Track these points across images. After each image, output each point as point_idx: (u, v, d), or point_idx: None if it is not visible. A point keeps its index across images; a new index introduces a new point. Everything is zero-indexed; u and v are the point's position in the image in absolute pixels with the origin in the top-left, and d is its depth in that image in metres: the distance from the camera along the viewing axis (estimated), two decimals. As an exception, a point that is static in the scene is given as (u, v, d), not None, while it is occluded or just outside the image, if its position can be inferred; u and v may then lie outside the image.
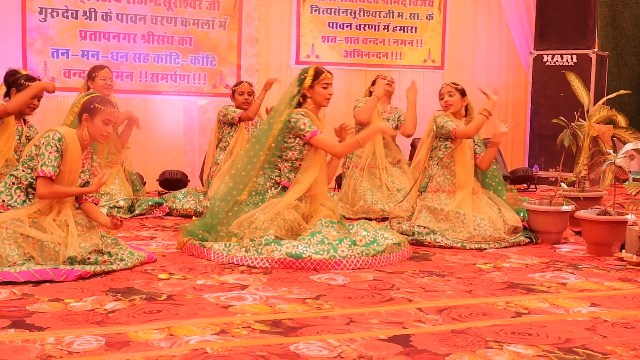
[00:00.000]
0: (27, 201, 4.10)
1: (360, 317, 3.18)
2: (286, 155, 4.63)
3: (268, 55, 8.35)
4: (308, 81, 4.66)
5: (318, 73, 4.69)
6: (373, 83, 6.70)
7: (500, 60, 9.38)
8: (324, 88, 4.69)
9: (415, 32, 8.95)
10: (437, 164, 5.24)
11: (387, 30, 8.83)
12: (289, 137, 4.60)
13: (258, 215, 4.49)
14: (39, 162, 4.01)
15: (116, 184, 6.16)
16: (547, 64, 8.60)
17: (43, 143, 4.03)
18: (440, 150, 5.26)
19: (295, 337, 2.87)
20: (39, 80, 5.27)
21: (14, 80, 5.16)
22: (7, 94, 5.18)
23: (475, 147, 5.35)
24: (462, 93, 5.34)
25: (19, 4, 7.13)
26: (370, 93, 6.57)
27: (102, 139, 4.20)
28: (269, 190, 4.65)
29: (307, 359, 2.62)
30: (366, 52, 8.78)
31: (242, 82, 6.71)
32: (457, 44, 9.18)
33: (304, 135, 4.56)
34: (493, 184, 5.34)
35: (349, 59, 8.71)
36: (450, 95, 5.31)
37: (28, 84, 5.09)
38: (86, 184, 4.23)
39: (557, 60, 8.53)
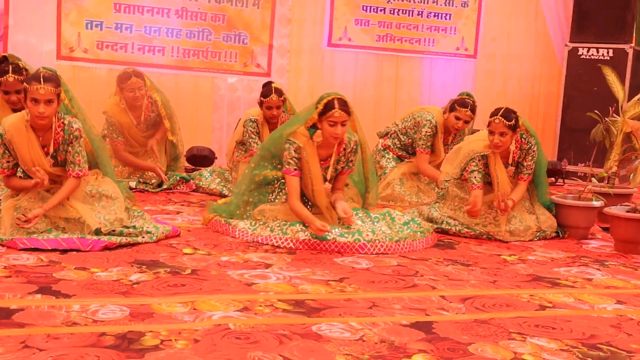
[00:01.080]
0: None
1: (383, 301, 3.18)
2: None
3: (300, 37, 8.32)
4: (315, 115, 4.29)
5: (327, 107, 4.24)
6: (452, 109, 5.92)
7: (534, 52, 9.26)
8: (331, 126, 4.24)
9: (450, 19, 8.86)
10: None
11: (421, 16, 8.75)
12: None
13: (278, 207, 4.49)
14: None
15: (152, 160, 6.18)
16: (582, 57, 8.49)
17: None
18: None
19: (318, 318, 2.88)
20: (15, 70, 4.71)
21: None
22: None
23: (523, 169, 4.96)
24: (514, 128, 4.76)
25: (55, -26, 7.16)
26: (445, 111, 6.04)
27: (37, 119, 3.90)
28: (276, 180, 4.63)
29: (329, 340, 2.62)
30: (399, 37, 8.71)
31: (271, 91, 5.88)
32: (491, 33, 9.08)
33: (282, 165, 4.41)
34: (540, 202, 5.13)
35: (381, 43, 8.64)
36: (502, 135, 4.75)
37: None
38: (62, 162, 4.10)
39: (592, 54, 8.42)
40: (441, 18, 8.82)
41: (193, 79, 7.86)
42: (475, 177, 4.87)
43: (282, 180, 4.57)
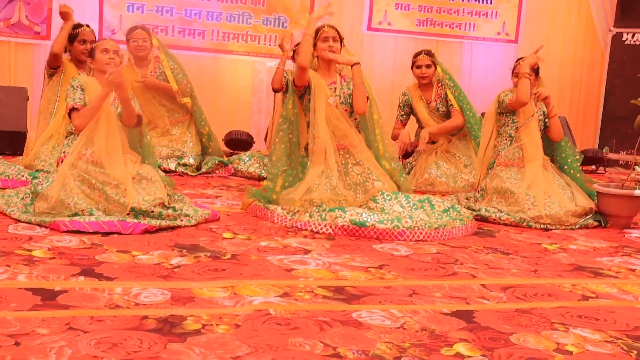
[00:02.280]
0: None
1: (423, 289, 3.16)
2: (307, 118, 4.70)
3: (340, 20, 8.27)
4: (311, 45, 4.68)
5: (317, 31, 4.69)
6: (411, 67, 6.44)
7: (576, 37, 9.12)
8: (323, 42, 4.66)
9: (491, 3, 8.76)
10: (506, 139, 5.16)
11: (462, 0, 8.66)
12: (296, 99, 4.70)
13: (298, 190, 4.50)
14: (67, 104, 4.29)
15: (188, 144, 6.21)
16: (626, 42, 8.34)
17: (67, 90, 4.33)
18: (508, 125, 5.20)
19: (358, 305, 2.87)
20: (87, 26, 5.54)
21: (70, 34, 5.48)
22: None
23: (546, 120, 5.23)
24: (537, 73, 5.19)
25: (97, -43, 7.21)
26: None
27: (109, 67, 4.26)
28: (305, 157, 4.70)
29: (369, 328, 2.61)
30: (439, 22, 8.64)
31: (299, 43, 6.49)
32: (533, 18, 8.95)
33: (291, 81, 4.65)
34: (571, 171, 5.20)
35: (421, 27, 8.58)
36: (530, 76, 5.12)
37: (76, 32, 5.44)
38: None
39: (637, 40, 8.26)
40: (482, 2, 8.73)
41: (233, 63, 7.89)
42: (509, 95, 5.14)
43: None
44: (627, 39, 8.34)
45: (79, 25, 5.45)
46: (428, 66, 6.18)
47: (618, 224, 4.93)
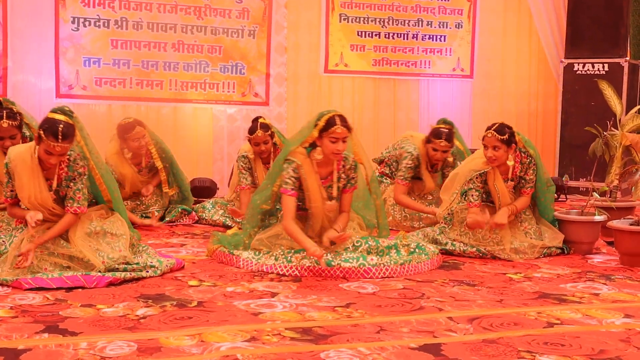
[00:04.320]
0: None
1: (390, 325, 3.17)
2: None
3: (297, 64, 8.37)
4: (315, 133, 4.29)
5: (328, 125, 4.25)
6: (428, 141, 5.88)
7: (530, 69, 9.31)
8: (332, 142, 4.25)
9: (445, 40, 8.93)
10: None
11: (416, 39, 8.81)
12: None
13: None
14: None
15: (152, 199, 6.16)
16: (577, 72, 8.52)
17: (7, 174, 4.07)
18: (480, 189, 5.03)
19: (326, 345, 2.87)
20: (8, 117, 4.61)
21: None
22: None
23: (525, 183, 5.01)
24: (508, 143, 4.82)
25: (52, 14, 7.21)
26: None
27: (48, 165, 4.00)
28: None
29: (337, 367, 2.62)
30: (395, 61, 8.77)
31: (257, 127, 5.88)
32: (487, 53, 9.13)
33: (280, 185, 4.37)
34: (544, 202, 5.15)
35: (377, 67, 8.70)
36: (495, 149, 4.82)
37: None
38: (63, 197, 4.12)
39: (588, 69, 8.45)
40: (436, 40, 8.89)
41: (192, 111, 7.91)
42: (472, 195, 4.92)
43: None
44: (578, 69, 8.53)
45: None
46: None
47: (580, 250, 5.00)
